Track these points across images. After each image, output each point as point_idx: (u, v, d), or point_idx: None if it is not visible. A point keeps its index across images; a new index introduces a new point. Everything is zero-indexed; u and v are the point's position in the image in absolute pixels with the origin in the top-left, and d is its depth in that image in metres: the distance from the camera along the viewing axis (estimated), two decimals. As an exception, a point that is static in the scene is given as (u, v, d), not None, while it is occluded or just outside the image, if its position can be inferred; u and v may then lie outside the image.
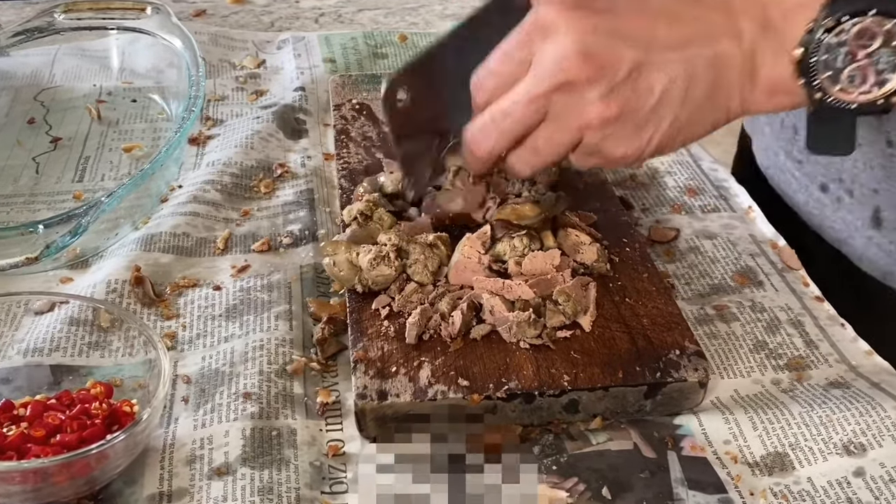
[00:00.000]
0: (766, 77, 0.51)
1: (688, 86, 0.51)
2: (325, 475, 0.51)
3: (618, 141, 0.52)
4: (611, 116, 0.51)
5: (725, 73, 0.51)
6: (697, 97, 0.51)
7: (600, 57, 0.50)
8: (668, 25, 0.51)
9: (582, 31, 0.50)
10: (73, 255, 0.65)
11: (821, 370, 0.59)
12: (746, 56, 0.51)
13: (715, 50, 0.51)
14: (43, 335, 0.57)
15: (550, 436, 0.54)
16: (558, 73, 0.50)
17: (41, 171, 0.75)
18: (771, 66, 0.51)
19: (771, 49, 0.51)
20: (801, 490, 0.51)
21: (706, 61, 0.51)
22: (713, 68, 0.51)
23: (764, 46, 0.51)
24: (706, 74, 0.51)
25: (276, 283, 0.64)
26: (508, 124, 0.53)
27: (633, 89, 0.50)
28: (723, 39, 0.51)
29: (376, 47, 0.95)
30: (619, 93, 0.50)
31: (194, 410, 0.54)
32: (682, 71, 0.51)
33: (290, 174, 0.76)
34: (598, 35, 0.50)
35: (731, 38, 0.51)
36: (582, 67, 0.50)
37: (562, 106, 0.51)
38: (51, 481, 0.47)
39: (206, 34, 0.95)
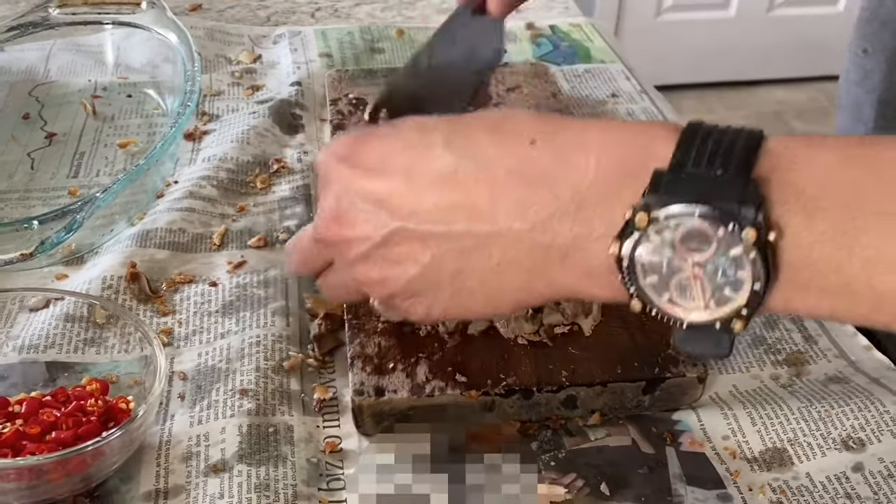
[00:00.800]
0: (578, 266, 0.41)
1: (459, 262, 0.43)
2: (323, 472, 0.51)
3: (400, 300, 0.46)
4: (375, 279, 0.46)
5: (510, 255, 0.42)
6: (476, 274, 0.43)
7: (350, 218, 0.45)
8: (439, 191, 0.42)
9: (342, 187, 0.45)
10: (69, 251, 0.65)
11: (820, 365, 0.59)
12: (542, 239, 0.41)
13: (491, 229, 0.42)
14: (38, 332, 0.57)
15: (549, 431, 0.54)
16: (319, 228, 0.47)
17: (36, 166, 0.75)
18: (582, 256, 0.41)
19: (578, 236, 0.40)
20: (800, 485, 0.51)
21: (480, 239, 0.42)
22: (492, 247, 0.42)
23: (568, 230, 0.40)
24: (482, 252, 0.42)
25: (273, 279, 0.64)
26: (298, 255, 0.51)
27: (394, 256, 0.44)
28: (503, 217, 0.41)
29: (373, 42, 0.95)
30: (378, 257, 0.45)
31: (190, 407, 0.54)
32: (447, 245, 0.43)
33: (286, 169, 0.75)
34: (355, 196, 0.45)
35: (515, 216, 0.41)
36: (332, 228, 0.46)
37: (335, 257, 0.48)
38: (46, 479, 0.46)
39: (201, 29, 0.95)
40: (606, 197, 0.40)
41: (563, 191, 0.40)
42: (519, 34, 0.98)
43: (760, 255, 0.37)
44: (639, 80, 0.91)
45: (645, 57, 1.88)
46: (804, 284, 0.37)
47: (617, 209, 0.39)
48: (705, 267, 0.38)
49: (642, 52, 2.15)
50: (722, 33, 2.79)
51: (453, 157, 0.43)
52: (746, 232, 0.36)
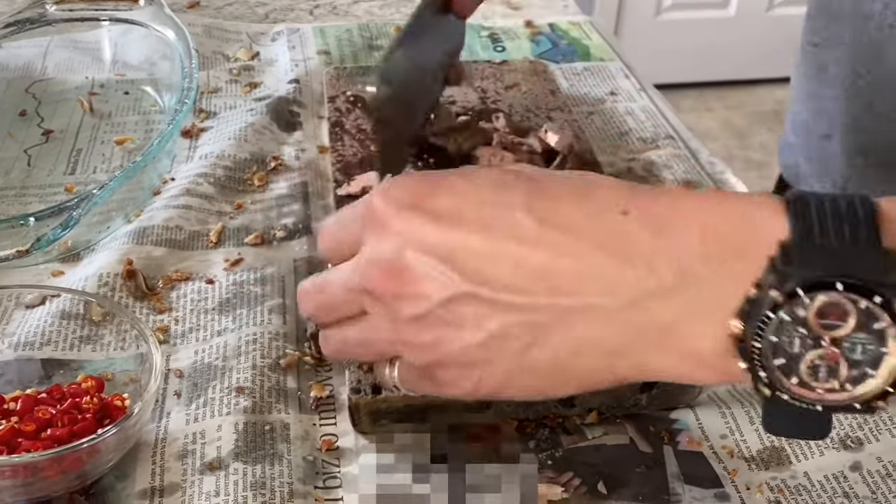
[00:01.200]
0: (686, 346, 0.38)
1: (532, 336, 0.39)
2: (319, 470, 0.51)
3: (443, 370, 0.42)
4: (425, 343, 0.41)
5: (595, 335, 0.39)
6: (547, 352, 0.40)
7: (412, 274, 0.40)
8: (518, 258, 0.39)
9: (404, 239, 0.40)
10: (65, 248, 0.65)
11: (818, 364, 0.59)
12: (639, 320, 0.38)
13: (576, 304, 0.38)
14: (34, 329, 0.57)
15: (546, 430, 0.54)
16: (366, 277, 0.42)
17: (33, 163, 0.75)
18: (688, 337, 0.37)
19: (685, 313, 0.37)
20: (798, 484, 0.51)
21: (560, 315, 0.39)
22: (574, 325, 0.39)
23: (671, 308, 0.37)
24: (561, 330, 0.39)
25: (270, 276, 0.63)
26: (323, 300, 0.45)
27: (454, 320, 0.40)
28: (590, 290, 0.38)
29: (371, 39, 0.95)
30: (435, 319, 0.40)
31: (186, 405, 0.54)
32: (520, 318, 0.39)
33: (284, 167, 0.75)
34: (419, 250, 0.40)
35: (607, 291, 0.38)
36: (386, 281, 0.41)
37: (377, 311, 0.42)
38: (41, 476, 0.46)
39: (199, 26, 0.94)
40: (716, 273, 0.36)
41: (663, 266, 0.37)
42: (518, 32, 0.98)
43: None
44: (638, 79, 0.91)
45: (644, 55, 1.88)
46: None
47: (729, 286, 0.36)
48: (842, 344, 0.35)
49: (642, 51, 2.15)
50: (721, 32, 2.79)
51: (535, 223, 0.39)
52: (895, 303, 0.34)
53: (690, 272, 0.37)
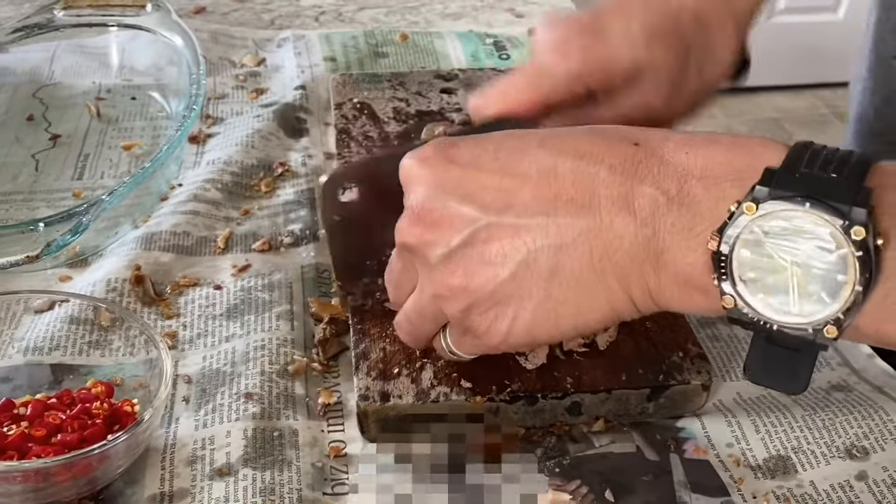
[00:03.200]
0: (674, 263, 0.40)
1: (556, 258, 0.41)
2: (327, 476, 0.51)
3: (480, 313, 0.43)
4: (457, 284, 0.43)
5: (612, 251, 0.41)
6: (572, 274, 0.41)
7: (435, 216, 0.43)
8: (536, 185, 0.41)
9: (427, 186, 0.43)
10: (73, 253, 0.65)
11: (823, 373, 0.59)
12: (641, 232, 0.40)
13: (593, 220, 0.41)
14: (43, 334, 0.57)
15: (553, 438, 0.54)
16: (399, 234, 0.45)
17: (40, 168, 0.75)
18: (680, 252, 0.40)
19: (680, 228, 0.40)
20: (804, 493, 0.51)
21: (580, 232, 0.41)
22: (590, 241, 0.41)
23: (670, 224, 0.40)
24: (581, 247, 0.41)
25: (278, 282, 0.64)
26: (392, 276, 0.49)
27: (479, 255, 0.42)
28: (606, 209, 0.41)
29: (377, 46, 0.95)
30: (461, 258, 0.42)
31: (195, 410, 0.54)
32: (545, 240, 0.41)
33: (290, 173, 0.75)
34: (441, 191, 0.43)
35: (618, 207, 0.40)
36: (412, 229, 0.44)
37: (419, 269, 0.45)
38: (52, 481, 0.46)
39: (205, 32, 0.95)
40: (712, 192, 0.39)
41: (670, 185, 0.40)
42: (522, 40, 0.98)
43: (866, 257, 0.36)
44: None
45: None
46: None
47: (721, 205, 0.39)
48: (806, 267, 0.37)
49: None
50: (722, 40, 2.79)
51: (550, 155, 0.42)
52: (855, 230, 0.36)
53: (691, 191, 0.40)
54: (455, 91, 0.82)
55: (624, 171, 0.41)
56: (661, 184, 0.40)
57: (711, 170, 0.40)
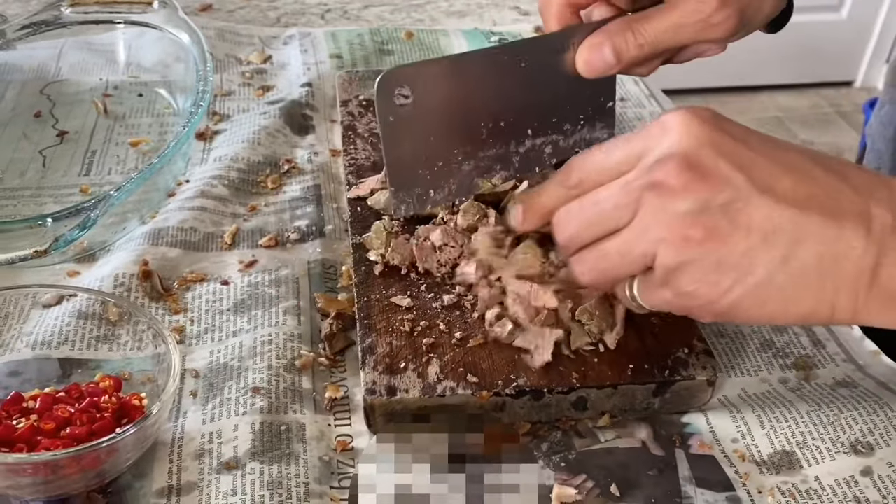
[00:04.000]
0: (887, 279, 0.44)
1: (793, 249, 0.44)
2: (334, 470, 0.52)
3: (694, 273, 0.45)
4: (693, 236, 0.44)
5: (840, 259, 0.44)
6: (800, 267, 0.44)
7: (705, 169, 0.45)
8: (795, 180, 0.45)
9: (700, 139, 0.45)
10: (81, 248, 0.65)
11: (828, 369, 0.59)
12: (870, 248, 0.44)
13: (836, 229, 0.44)
14: (51, 328, 0.57)
15: (559, 433, 0.54)
16: (656, 170, 0.45)
17: (48, 164, 0.75)
18: (894, 269, 0.44)
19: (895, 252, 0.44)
20: (809, 489, 0.51)
21: (821, 235, 0.44)
22: (827, 246, 0.44)
23: (892, 246, 0.44)
24: (817, 248, 0.44)
25: (284, 278, 0.64)
26: (594, 213, 0.48)
27: (730, 220, 0.44)
28: (849, 221, 0.44)
29: (382, 44, 0.95)
30: (711, 215, 0.44)
31: (203, 405, 0.54)
32: (791, 228, 0.44)
33: (297, 170, 0.76)
34: (714, 150, 0.45)
35: (858, 223, 0.44)
36: (680, 171, 0.45)
37: (650, 210, 0.46)
38: (61, 474, 0.47)
39: (212, 29, 0.95)
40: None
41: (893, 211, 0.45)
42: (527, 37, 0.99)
43: None
44: (647, 85, 0.92)
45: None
46: None
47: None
48: None
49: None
50: (726, 39, 2.78)
51: (807, 160, 0.46)
52: None
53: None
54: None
55: (864, 193, 0.45)
56: (891, 206, 0.45)
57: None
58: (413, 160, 0.56)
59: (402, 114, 0.54)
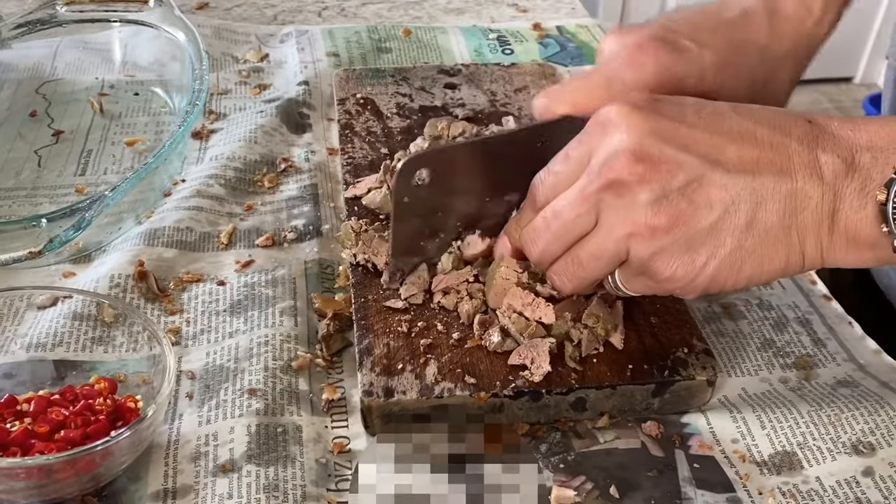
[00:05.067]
0: (845, 221, 0.46)
1: (754, 212, 0.46)
2: (331, 472, 0.51)
3: (668, 258, 0.47)
4: (659, 225, 0.46)
5: (799, 211, 0.46)
6: (764, 228, 0.46)
7: (654, 158, 0.46)
8: (739, 146, 0.46)
9: (641, 131, 0.46)
10: (76, 249, 0.65)
11: (829, 369, 0.59)
12: (826, 195, 0.46)
13: (790, 182, 0.46)
14: (46, 330, 0.57)
15: (558, 434, 0.54)
16: (608, 171, 0.46)
17: (43, 164, 0.75)
18: (852, 210, 0.46)
19: (854, 190, 0.46)
20: (810, 489, 0.51)
21: (778, 192, 0.46)
22: (785, 202, 0.46)
23: (846, 186, 0.46)
24: (777, 205, 0.46)
25: (281, 278, 0.63)
26: (558, 225, 0.49)
27: (689, 201, 0.46)
28: (800, 173, 0.46)
29: (380, 41, 0.95)
30: (671, 201, 0.46)
31: (199, 406, 0.54)
32: (748, 195, 0.46)
33: (293, 169, 0.75)
34: (657, 138, 0.46)
35: (809, 173, 0.46)
36: (632, 166, 0.46)
37: (611, 210, 0.47)
38: (55, 478, 0.46)
39: (208, 27, 0.94)
40: (879, 160, 0.46)
41: (847, 154, 0.46)
42: (526, 35, 0.98)
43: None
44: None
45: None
46: None
47: (887, 169, 0.46)
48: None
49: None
50: (725, 35, 2.78)
51: (748, 121, 0.47)
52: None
53: (861, 161, 0.46)
54: (458, 86, 0.82)
55: (808, 143, 0.47)
56: (837, 152, 0.46)
57: (875, 142, 0.46)
58: (418, 234, 0.58)
59: (417, 193, 0.55)
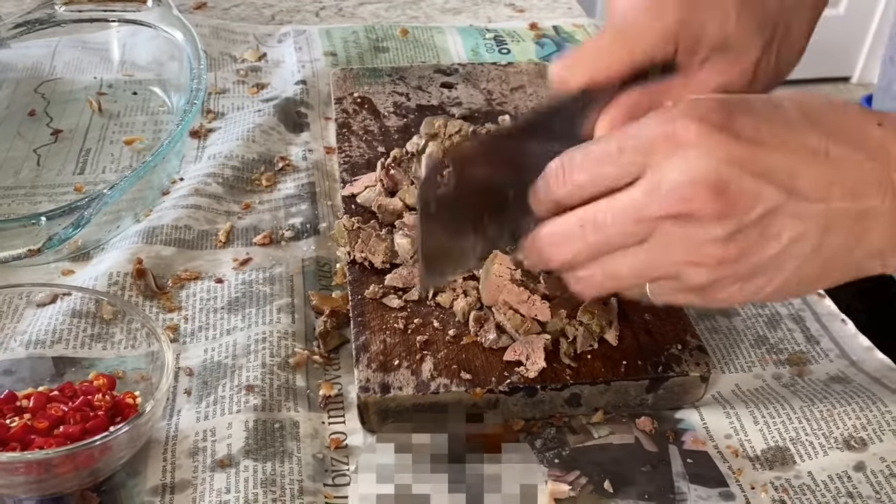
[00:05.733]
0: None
1: (821, 240, 0.44)
2: (328, 468, 0.52)
3: (727, 285, 0.45)
4: (727, 259, 0.44)
5: (867, 233, 0.44)
6: (828, 254, 0.44)
7: (735, 193, 0.42)
8: (814, 168, 0.43)
9: (720, 158, 0.42)
10: (75, 247, 0.65)
11: (821, 365, 0.59)
12: (893, 216, 0.44)
13: (861, 206, 0.44)
14: (45, 327, 0.57)
15: (552, 429, 0.54)
16: (680, 201, 0.42)
17: (42, 163, 0.75)
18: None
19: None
20: (802, 484, 0.51)
21: (848, 217, 0.44)
22: (854, 225, 0.44)
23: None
24: (844, 230, 0.44)
25: (278, 276, 0.64)
26: (597, 240, 0.45)
27: (761, 234, 0.43)
28: (871, 193, 0.44)
29: (377, 41, 0.95)
30: (744, 236, 0.43)
31: (197, 403, 0.54)
32: (817, 223, 0.44)
33: (291, 167, 0.76)
34: (737, 167, 0.42)
35: (881, 192, 0.44)
36: (711, 201, 0.42)
37: (670, 236, 0.44)
38: (54, 472, 0.47)
39: (206, 27, 0.95)
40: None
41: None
42: (522, 34, 0.99)
43: None
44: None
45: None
46: None
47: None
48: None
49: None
50: (723, 35, 2.78)
51: (821, 135, 0.44)
52: None
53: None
54: (455, 85, 0.83)
55: (882, 158, 0.44)
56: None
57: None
58: (446, 239, 0.52)
59: (442, 201, 0.50)
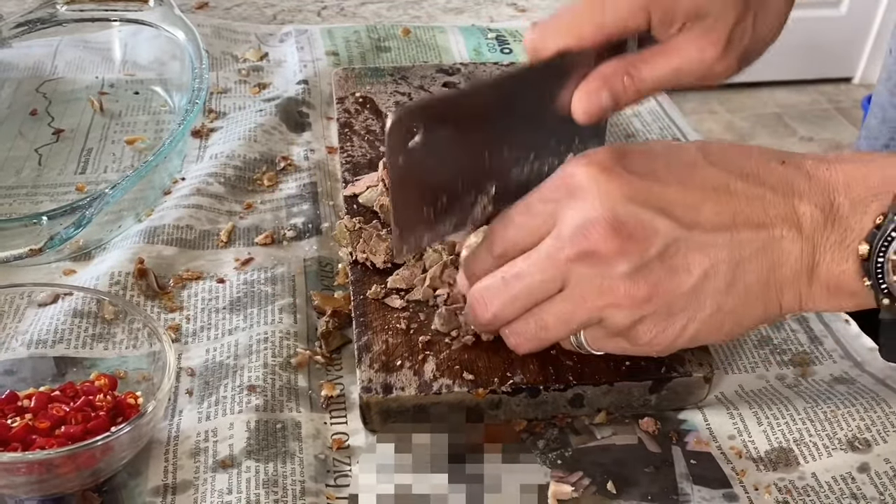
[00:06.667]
0: (826, 273, 0.45)
1: (734, 273, 0.45)
2: (330, 468, 0.51)
3: (649, 325, 0.46)
4: (639, 297, 0.44)
5: (779, 265, 0.45)
6: (744, 287, 0.45)
7: (630, 228, 0.43)
8: (716, 202, 0.44)
9: (614, 198, 0.44)
10: (76, 246, 0.65)
11: (825, 366, 0.59)
12: (805, 248, 0.45)
13: (768, 237, 0.45)
14: (47, 327, 0.57)
15: (555, 430, 0.54)
16: (581, 241, 0.44)
17: (43, 162, 0.75)
18: (833, 262, 0.45)
19: (834, 242, 0.45)
20: (806, 485, 0.51)
21: (757, 249, 0.45)
22: (764, 257, 0.45)
23: (826, 239, 0.45)
24: (756, 263, 0.45)
25: (280, 276, 0.64)
26: (519, 289, 0.47)
27: (668, 268, 0.44)
28: (779, 226, 0.45)
29: (379, 41, 0.95)
30: (650, 271, 0.44)
31: (198, 403, 0.54)
32: (727, 255, 0.44)
33: (293, 167, 0.75)
34: (631, 204, 0.44)
35: (788, 225, 0.45)
36: (608, 238, 0.43)
37: (583, 278, 0.45)
38: (56, 472, 0.47)
39: (208, 26, 0.95)
40: (858, 208, 0.45)
41: (823, 201, 0.45)
42: (524, 34, 0.98)
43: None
44: (644, 81, 0.91)
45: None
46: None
47: (865, 220, 0.44)
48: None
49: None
50: (724, 35, 2.78)
51: (721, 171, 0.45)
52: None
53: (839, 209, 0.45)
54: (457, 85, 0.83)
55: (784, 191, 0.45)
56: (815, 200, 0.45)
57: (852, 186, 0.45)
58: (419, 199, 0.52)
59: (411, 154, 0.49)
